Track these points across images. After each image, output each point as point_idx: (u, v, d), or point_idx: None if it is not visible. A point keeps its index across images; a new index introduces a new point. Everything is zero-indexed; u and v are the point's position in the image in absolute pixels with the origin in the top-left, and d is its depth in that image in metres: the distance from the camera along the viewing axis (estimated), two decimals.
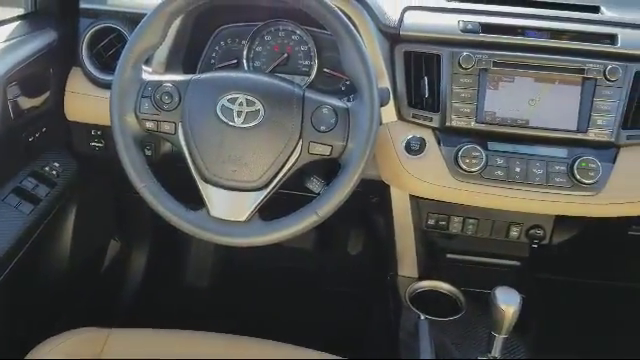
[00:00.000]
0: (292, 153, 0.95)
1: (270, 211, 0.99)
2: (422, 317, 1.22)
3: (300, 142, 0.95)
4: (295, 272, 1.96)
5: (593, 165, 1.05)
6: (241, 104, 0.95)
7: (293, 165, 0.96)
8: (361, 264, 1.93)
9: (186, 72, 1.10)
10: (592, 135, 1.07)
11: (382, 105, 1.03)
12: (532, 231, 1.30)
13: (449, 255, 1.43)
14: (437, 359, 1.11)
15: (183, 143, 0.96)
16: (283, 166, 0.96)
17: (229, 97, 0.95)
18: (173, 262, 1.96)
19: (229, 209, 0.96)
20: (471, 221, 1.31)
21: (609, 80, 1.06)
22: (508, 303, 1.00)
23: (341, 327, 1.73)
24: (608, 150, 1.08)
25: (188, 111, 0.96)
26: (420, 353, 1.12)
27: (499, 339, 1.04)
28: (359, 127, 0.95)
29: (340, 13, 0.97)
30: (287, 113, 0.95)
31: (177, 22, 1.11)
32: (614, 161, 1.07)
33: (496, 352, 1.05)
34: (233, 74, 1.00)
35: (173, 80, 0.98)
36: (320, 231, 1.96)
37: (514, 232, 1.31)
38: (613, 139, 1.07)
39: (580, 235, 1.32)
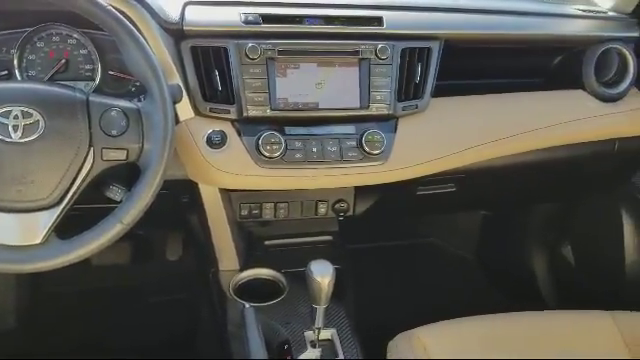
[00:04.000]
0: (84, 163, 0.90)
1: (74, 229, 0.92)
2: (247, 306, 1.24)
3: (91, 150, 0.90)
4: (115, 291, 1.85)
5: (378, 137, 1.15)
6: (16, 117, 0.87)
7: (87, 175, 0.91)
8: (183, 268, 1.89)
9: None
10: (374, 110, 1.17)
11: (175, 102, 1.02)
12: (337, 205, 1.39)
13: (267, 242, 1.47)
14: (265, 343, 1.15)
15: None
16: (76, 178, 0.90)
17: (1, 111, 0.87)
18: None
19: (20, 233, 0.88)
20: (282, 205, 1.36)
21: (380, 58, 1.17)
22: (323, 274, 1.06)
23: (173, 334, 1.69)
24: (389, 122, 1.19)
25: None
26: (248, 340, 1.14)
27: (320, 310, 1.10)
28: (154, 127, 0.93)
29: (115, 12, 0.93)
30: (71, 121, 0.89)
31: None
32: (395, 131, 1.19)
33: (319, 322, 1.11)
34: (2, 86, 0.91)
35: None
36: (135, 242, 1.88)
37: (322, 209, 1.38)
38: (391, 111, 1.18)
39: (378, 203, 1.45)
